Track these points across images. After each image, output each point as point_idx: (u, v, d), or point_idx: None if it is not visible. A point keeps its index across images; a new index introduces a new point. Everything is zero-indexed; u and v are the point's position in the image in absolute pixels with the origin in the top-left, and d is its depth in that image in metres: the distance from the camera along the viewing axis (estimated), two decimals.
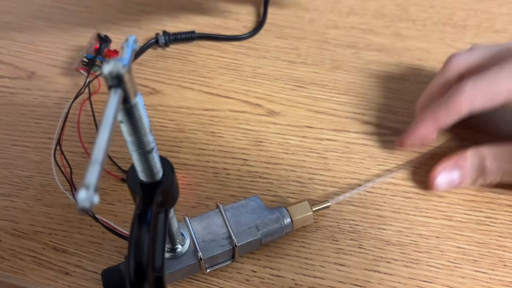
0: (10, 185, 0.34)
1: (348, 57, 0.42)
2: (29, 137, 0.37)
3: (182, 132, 0.37)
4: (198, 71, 0.42)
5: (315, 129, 0.37)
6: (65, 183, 0.33)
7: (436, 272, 0.28)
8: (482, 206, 0.31)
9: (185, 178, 0.34)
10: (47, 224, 0.31)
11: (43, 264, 0.29)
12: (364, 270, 0.29)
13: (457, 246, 0.29)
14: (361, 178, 0.33)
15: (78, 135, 0.36)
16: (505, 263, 0.29)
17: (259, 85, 0.40)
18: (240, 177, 0.34)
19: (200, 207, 0.32)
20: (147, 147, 0.18)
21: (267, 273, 0.29)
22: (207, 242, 0.27)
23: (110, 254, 0.30)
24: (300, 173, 0.34)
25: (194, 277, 0.28)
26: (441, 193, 0.32)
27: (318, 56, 0.43)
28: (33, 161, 0.35)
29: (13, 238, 0.31)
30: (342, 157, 0.35)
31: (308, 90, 0.40)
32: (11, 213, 0.32)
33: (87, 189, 0.12)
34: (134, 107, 0.16)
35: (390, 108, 0.38)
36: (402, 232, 0.30)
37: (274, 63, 0.42)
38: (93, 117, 0.37)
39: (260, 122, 0.37)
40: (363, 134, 0.36)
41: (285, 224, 0.28)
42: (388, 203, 0.32)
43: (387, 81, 0.40)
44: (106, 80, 0.14)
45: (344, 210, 0.31)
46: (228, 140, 0.36)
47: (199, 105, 0.39)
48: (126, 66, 0.14)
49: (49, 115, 0.38)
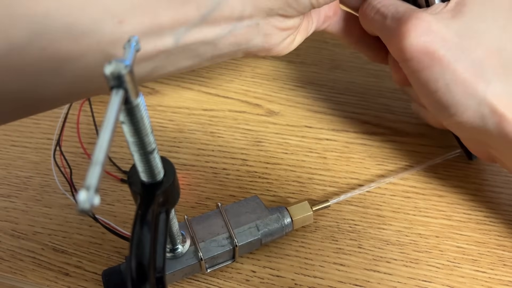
0: (9, 186, 0.34)
1: (347, 56, 0.43)
2: (28, 138, 0.37)
3: (181, 132, 0.37)
4: (197, 71, 0.42)
5: (314, 129, 0.37)
6: (64, 183, 0.33)
7: (436, 272, 0.28)
8: (482, 206, 0.31)
9: (184, 178, 0.34)
10: (47, 224, 0.31)
11: (43, 265, 0.29)
12: (363, 270, 0.29)
13: (456, 246, 0.30)
14: (361, 178, 0.33)
15: (77, 136, 0.36)
16: (504, 263, 0.29)
17: (258, 85, 0.40)
18: (239, 177, 0.34)
19: (199, 207, 0.32)
20: (148, 148, 0.18)
21: (267, 273, 0.29)
22: (207, 242, 0.27)
23: (109, 254, 0.30)
24: (300, 173, 0.34)
25: (194, 277, 0.28)
26: (440, 193, 0.32)
27: (317, 55, 0.43)
28: (32, 162, 0.35)
29: (12, 239, 0.31)
30: (341, 157, 0.35)
31: (307, 90, 0.40)
32: (10, 214, 0.32)
33: (87, 190, 0.12)
34: (136, 107, 0.16)
35: (389, 108, 0.38)
36: (401, 232, 0.30)
37: (273, 63, 0.42)
38: (92, 117, 0.37)
39: (260, 122, 0.37)
40: (363, 134, 0.36)
41: (285, 224, 0.28)
42: (387, 203, 0.32)
43: (386, 80, 0.40)
44: (108, 81, 0.14)
45: (344, 210, 0.31)
46: (228, 140, 0.36)
47: (198, 105, 0.39)
48: (128, 66, 0.14)
49: (48, 115, 0.38)
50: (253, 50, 0.27)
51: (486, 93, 0.25)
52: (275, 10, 0.25)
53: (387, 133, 0.36)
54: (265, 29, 0.26)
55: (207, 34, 0.24)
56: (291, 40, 0.29)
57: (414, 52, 0.26)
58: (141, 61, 0.24)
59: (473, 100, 0.26)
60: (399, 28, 0.27)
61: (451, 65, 0.26)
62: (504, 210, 0.31)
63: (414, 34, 0.26)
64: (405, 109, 0.38)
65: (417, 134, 0.36)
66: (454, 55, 0.26)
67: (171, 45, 0.24)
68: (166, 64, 0.25)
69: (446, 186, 0.32)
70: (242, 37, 0.26)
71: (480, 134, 0.27)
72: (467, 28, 0.26)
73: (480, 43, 0.26)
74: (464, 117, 0.26)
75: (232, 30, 0.25)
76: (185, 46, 0.24)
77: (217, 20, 0.24)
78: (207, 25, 0.24)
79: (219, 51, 0.26)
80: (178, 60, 0.25)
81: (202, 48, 0.25)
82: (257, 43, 0.27)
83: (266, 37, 0.27)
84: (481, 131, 0.26)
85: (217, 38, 0.25)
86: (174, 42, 0.24)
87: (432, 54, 0.26)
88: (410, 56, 0.26)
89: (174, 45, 0.24)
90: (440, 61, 0.26)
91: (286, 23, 0.27)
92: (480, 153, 0.30)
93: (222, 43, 0.25)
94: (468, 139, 0.29)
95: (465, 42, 0.26)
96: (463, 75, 0.25)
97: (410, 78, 0.28)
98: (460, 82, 0.26)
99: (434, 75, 0.26)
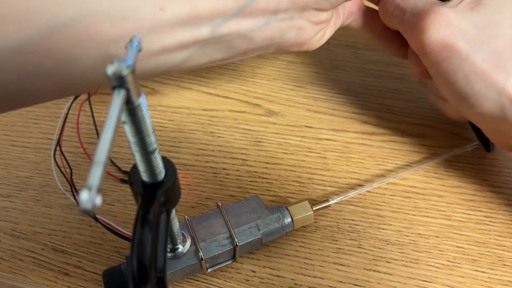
0: (9, 186, 0.34)
1: (347, 56, 0.43)
2: (28, 138, 0.37)
3: (181, 132, 0.37)
4: (197, 71, 0.42)
5: (314, 129, 0.37)
6: (64, 183, 0.33)
7: (436, 272, 0.28)
8: (481, 206, 0.31)
9: (184, 178, 0.34)
10: (47, 224, 0.31)
11: (43, 265, 0.29)
12: (363, 269, 0.29)
13: (456, 246, 0.30)
14: (361, 178, 0.33)
15: (77, 136, 0.36)
16: (504, 263, 0.29)
17: (258, 85, 0.40)
18: (239, 177, 0.34)
19: (199, 207, 0.32)
20: (150, 148, 0.18)
21: (267, 273, 0.29)
22: (208, 242, 0.27)
23: (109, 254, 0.30)
24: (300, 173, 0.34)
25: (194, 277, 0.28)
26: (440, 193, 0.32)
27: (317, 56, 0.43)
28: (32, 162, 0.35)
29: (12, 239, 0.31)
30: (341, 157, 0.35)
31: (307, 90, 0.40)
32: (10, 214, 0.32)
33: (89, 190, 0.12)
34: (138, 107, 0.16)
35: (389, 108, 0.38)
36: (401, 232, 0.30)
37: (273, 63, 0.42)
38: (92, 117, 0.37)
39: (259, 122, 0.37)
40: (362, 134, 0.36)
41: (286, 224, 0.28)
42: (387, 202, 0.32)
43: (386, 80, 0.40)
44: (109, 81, 0.14)
45: (344, 210, 0.31)
46: (227, 140, 0.36)
47: (198, 105, 0.39)
48: (130, 66, 0.14)
49: (48, 115, 0.38)
50: (286, 44, 0.28)
51: (506, 84, 0.26)
52: (310, 3, 0.26)
53: (387, 133, 0.36)
54: (299, 23, 0.27)
55: (242, 26, 0.25)
56: (321, 35, 0.30)
57: (433, 46, 0.27)
58: (176, 50, 0.24)
59: (492, 91, 0.26)
60: (418, 23, 0.27)
61: (470, 57, 0.26)
62: (504, 210, 0.31)
63: (433, 29, 0.26)
64: (405, 109, 0.38)
65: (417, 134, 0.36)
66: (473, 47, 0.26)
67: (207, 36, 0.24)
68: (200, 55, 0.25)
69: (446, 186, 0.33)
70: (277, 30, 0.26)
71: (501, 124, 0.27)
72: (486, 20, 0.26)
73: (498, 35, 0.26)
74: (484, 107, 0.27)
75: (267, 23, 0.25)
76: (220, 38, 0.25)
77: (253, 13, 0.24)
78: (243, 17, 0.24)
79: (253, 44, 0.26)
80: (212, 51, 0.25)
81: (236, 41, 0.25)
82: (290, 38, 0.27)
83: (300, 31, 0.27)
84: (501, 121, 0.27)
85: (252, 30, 0.25)
86: (211, 33, 0.24)
87: (451, 47, 0.26)
88: (429, 50, 0.27)
89: (210, 36, 0.24)
90: (459, 53, 0.26)
91: (320, 17, 0.27)
92: (501, 143, 0.30)
93: (257, 36, 0.26)
94: (488, 129, 0.30)
95: (483, 34, 0.26)
96: (482, 66, 0.26)
97: (430, 70, 0.28)
98: (479, 74, 0.26)
99: (453, 67, 0.26)
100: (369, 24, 0.33)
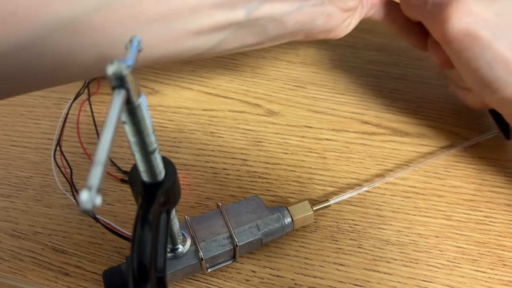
0: (9, 186, 0.34)
1: (347, 57, 0.43)
2: (28, 138, 0.37)
3: (181, 132, 0.37)
4: (197, 71, 0.42)
5: (314, 129, 0.37)
6: (64, 183, 0.33)
7: (436, 272, 0.28)
8: (481, 206, 0.31)
9: (184, 178, 0.34)
10: (47, 224, 0.31)
11: (43, 265, 0.29)
12: (363, 269, 0.29)
13: (456, 246, 0.30)
14: (361, 178, 0.33)
15: (77, 136, 0.36)
16: (504, 263, 0.29)
17: (258, 85, 0.40)
18: (239, 177, 0.34)
19: (199, 207, 0.32)
20: (150, 148, 0.18)
21: (267, 273, 0.29)
22: (208, 242, 0.27)
23: (109, 254, 0.30)
24: (300, 173, 0.34)
25: (194, 277, 0.28)
26: (440, 193, 0.32)
27: (317, 56, 0.43)
28: (32, 162, 0.35)
29: (12, 239, 0.31)
30: (341, 157, 0.35)
31: (307, 90, 0.40)
32: (10, 214, 0.32)
33: (89, 190, 0.12)
34: (138, 107, 0.16)
35: (389, 108, 0.38)
36: (401, 232, 0.30)
37: (273, 63, 0.42)
38: (92, 118, 0.37)
39: (259, 122, 0.37)
40: (362, 134, 0.36)
41: (286, 224, 0.28)
42: (387, 202, 0.32)
43: (386, 80, 0.40)
44: (109, 81, 0.14)
45: (344, 210, 0.31)
46: (227, 140, 0.36)
47: (198, 105, 0.39)
48: (130, 66, 0.14)
49: (48, 115, 0.38)
50: (315, 31, 0.29)
51: None
52: None
53: (387, 133, 0.36)
54: (329, 10, 0.28)
55: (276, 10, 0.26)
56: (348, 22, 0.31)
57: (456, 35, 0.27)
58: (212, 32, 0.25)
59: None
60: (440, 13, 0.28)
61: (492, 44, 0.27)
62: (504, 210, 0.31)
63: (456, 18, 0.27)
64: (405, 109, 0.38)
65: (417, 134, 0.36)
66: (495, 34, 0.27)
67: (242, 18, 0.25)
68: (233, 39, 0.26)
69: (446, 186, 0.33)
70: (308, 16, 0.27)
71: None
72: (506, 8, 0.27)
73: None
74: (506, 92, 0.27)
75: (300, 8, 0.26)
76: (254, 21, 0.25)
77: None
78: (277, 1, 0.25)
79: (284, 29, 0.27)
80: (246, 35, 0.26)
81: (269, 25, 0.26)
82: (319, 24, 0.28)
83: (329, 17, 0.28)
84: None
85: (285, 15, 0.26)
86: (246, 15, 0.25)
87: (473, 35, 0.27)
88: (452, 38, 0.28)
89: (245, 18, 0.25)
90: (481, 41, 0.27)
91: (348, 4, 0.28)
92: None
93: (289, 20, 0.26)
94: (510, 114, 0.30)
95: (504, 22, 0.27)
96: (505, 53, 0.27)
97: (452, 58, 0.29)
98: (501, 60, 0.27)
99: (475, 54, 0.27)
100: (391, 15, 0.33)
